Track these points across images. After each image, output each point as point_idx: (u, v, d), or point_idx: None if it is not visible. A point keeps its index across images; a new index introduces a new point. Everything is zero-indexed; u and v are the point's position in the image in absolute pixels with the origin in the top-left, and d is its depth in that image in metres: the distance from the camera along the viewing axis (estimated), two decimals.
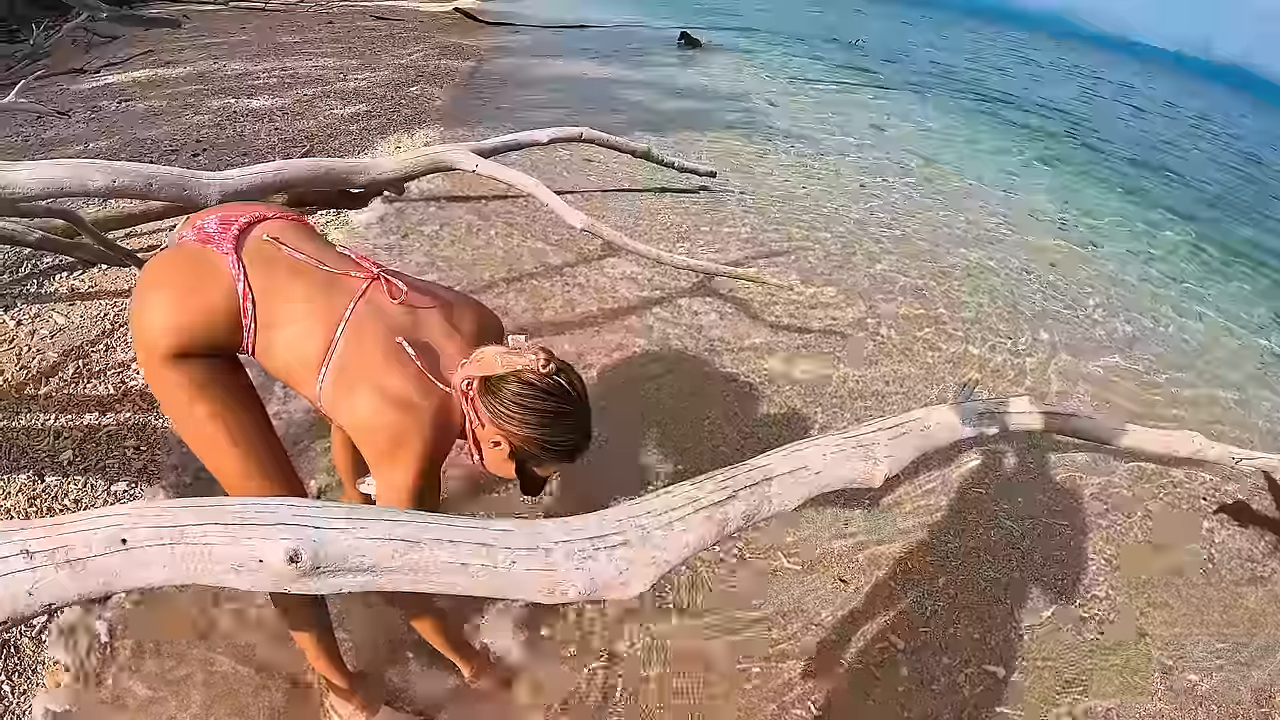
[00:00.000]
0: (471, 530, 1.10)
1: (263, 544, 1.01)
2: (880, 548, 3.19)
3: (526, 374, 1.63)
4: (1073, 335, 5.29)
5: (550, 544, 1.14)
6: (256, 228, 1.77)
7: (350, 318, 1.69)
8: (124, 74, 7.80)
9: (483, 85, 8.76)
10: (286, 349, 1.70)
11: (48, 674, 2.20)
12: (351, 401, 1.66)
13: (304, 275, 1.71)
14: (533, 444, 1.67)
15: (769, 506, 1.46)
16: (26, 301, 3.75)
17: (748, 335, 4.43)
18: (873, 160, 8.52)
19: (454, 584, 1.08)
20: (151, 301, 1.66)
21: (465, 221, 5.06)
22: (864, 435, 1.71)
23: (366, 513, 1.09)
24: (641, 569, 1.20)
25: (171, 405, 1.73)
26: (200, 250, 1.70)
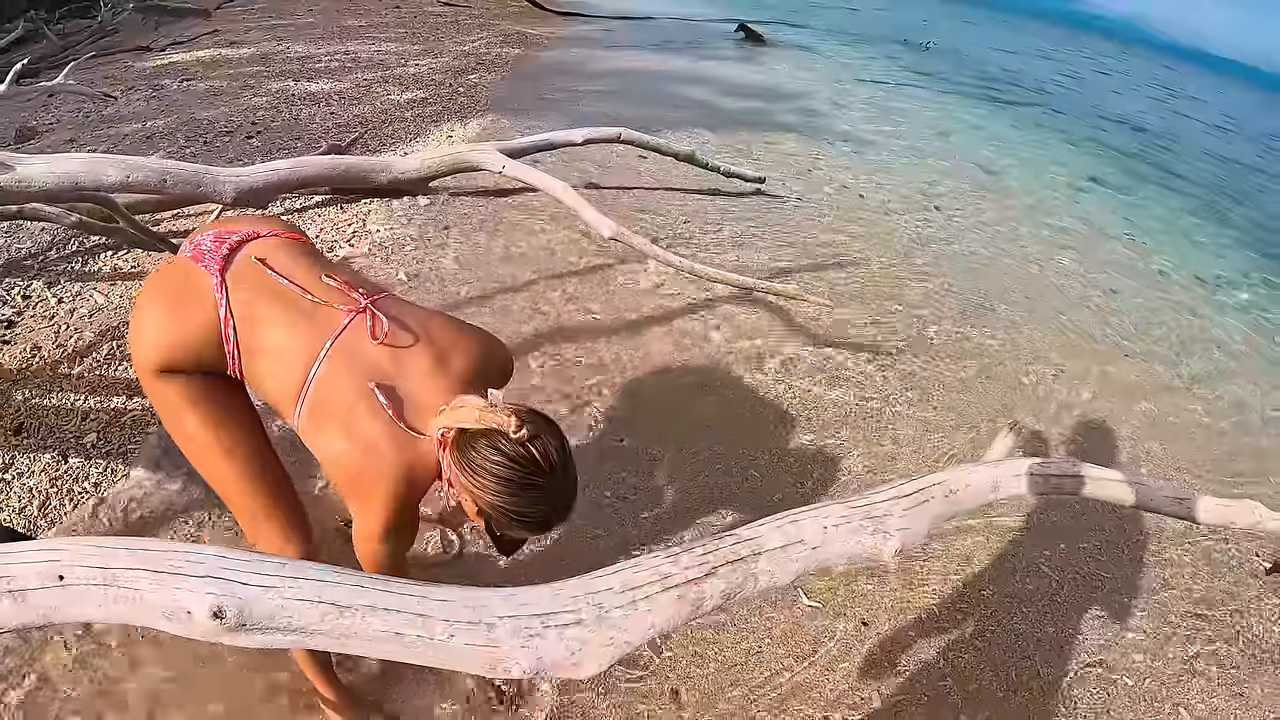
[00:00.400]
0: (408, 599, 1.05)
1: (189, 595, 0.99)
2: (909, 591, 3.07)
3: (498, 436, 1.53)
4: (1129, 369, 5.07)
5: (494, 619, 1.08)
6: (248, 246, 1.75)
7: (327, 354, 1.65)
8: (188, 53, 7.92)
9: (542, 75, 8.71)
10: (267, 377, 1.69)
11: None
12: (323, 439, 1.64)
13: (287, 303, 1.69)
14: (497, 511, 1.58)
15: (754, 585, 1.34)
16: (70, 279, 3.81)
17: (782, 353, 4.30)
18: (935, 170, 8.28)
19: (388, 651, 1.04)
20: (142, 316, 1.70)
21: (507, 217, 5.02)
22: (876, 504, 1.55)
23: (298, 569, 1.05)
24: (596, 649, 1.13)
25: (164, 416, 1.76)
26: (190, 268, 1.70)
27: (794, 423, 3.81)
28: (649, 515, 3.15)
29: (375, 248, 4.39)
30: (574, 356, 3.91)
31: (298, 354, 1.65)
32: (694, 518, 3.17)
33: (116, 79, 6.94)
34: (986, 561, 3.29)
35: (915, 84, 12.68)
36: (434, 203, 4.94)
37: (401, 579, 1.11)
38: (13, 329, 3.47)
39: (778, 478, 3.48)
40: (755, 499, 3.31)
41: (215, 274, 1.67)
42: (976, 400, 4.29)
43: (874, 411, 4.01)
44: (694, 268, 3.78)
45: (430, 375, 1.69)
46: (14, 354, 3.31)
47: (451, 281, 4.27)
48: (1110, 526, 3.63)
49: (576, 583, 1.20)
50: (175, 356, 1.66)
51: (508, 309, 4.15)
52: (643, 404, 3.73)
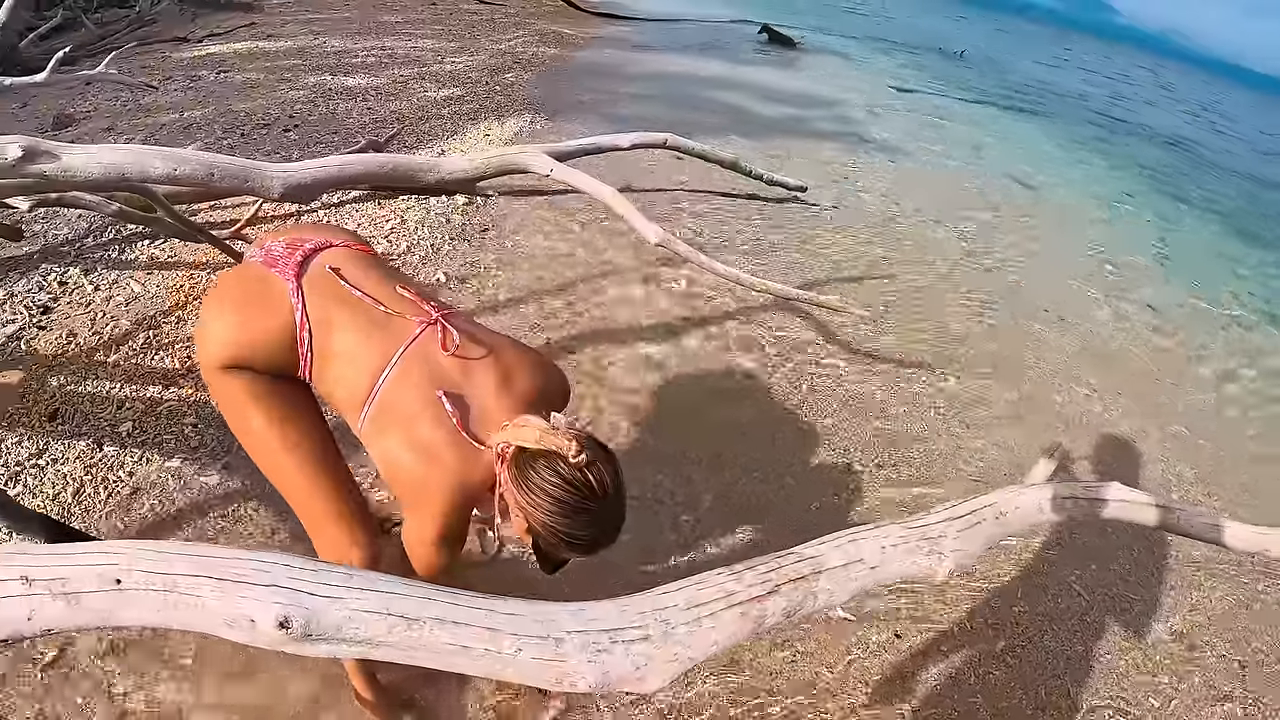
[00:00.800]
0: (477, 612, 1.04)
1: (255, 605, 0.98)
2: (941, 605, 3.03)
3: (557, 459, 1.54)
4: (1162, 391, 5.00)
5: (562, 633, 1.07)
6: (321, 255, 1.80)
7: (397, 363, 1.68)
8: (225, 45, 7.96)
9: (578, 76, 8.70)
10: (336, 383, 1.72)
11: None
12: (384, 443, 1.67)
13: (360, 312, 1.72)
14: (548, 530, 1.59)
15: (814, 603, 1.34)
16: (107, 267, 3.82)
17: (817, 363, 4.26)
18: (970, 181, 8.20)
19: (455, 664, 1.02)
20: (214, 315, 1.74)
21: (545, 217, 5.01)
22: (931, 526, 1.56)
23: (366, 580, 1.03)
24: (661, 665, 1.12)
25: (228, 413, 1.79)
26: (265, 273, 1.74)
27: (828, 432, 3.78)
28: (688, 519, 3.13)
29: (413, 246, 4.38)
30: (610, 359, 3.89)
31: (368, 360, 1.69)
32: (730, 525, 3.14)
33: (154, 69, 6.97)
34: (1018, 579, 3.26)
35: (948, 93, 12.60)
36: (471, 202, 4.94)
37: (469, 591, 1.09)
38: (49, 315, 3.48)
39: (813, 487, 3.45)
40: (791, 507, 3.29)
41: (291, 279, 1.71)
42: (1009, 417, 4.24)
43: (907, 424, 3.98)
44: (739, 276, 3.74)
45: (496, 391, 1.72)
46: (50, 340, 3.32)
47: (489, 283, 4.26)
48: (1140, 548, 3.58)
49: (643, 599, 1.18)
50: (245, 355, 1.69)
51: (545, 311, 4.14)
52: (678, 408, 3.71)
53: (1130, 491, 1.85)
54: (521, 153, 3.31)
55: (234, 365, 1.70)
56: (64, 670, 2.18)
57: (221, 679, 2.22)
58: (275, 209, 4.38)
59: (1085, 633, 3.10)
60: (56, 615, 0.99)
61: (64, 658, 2.20)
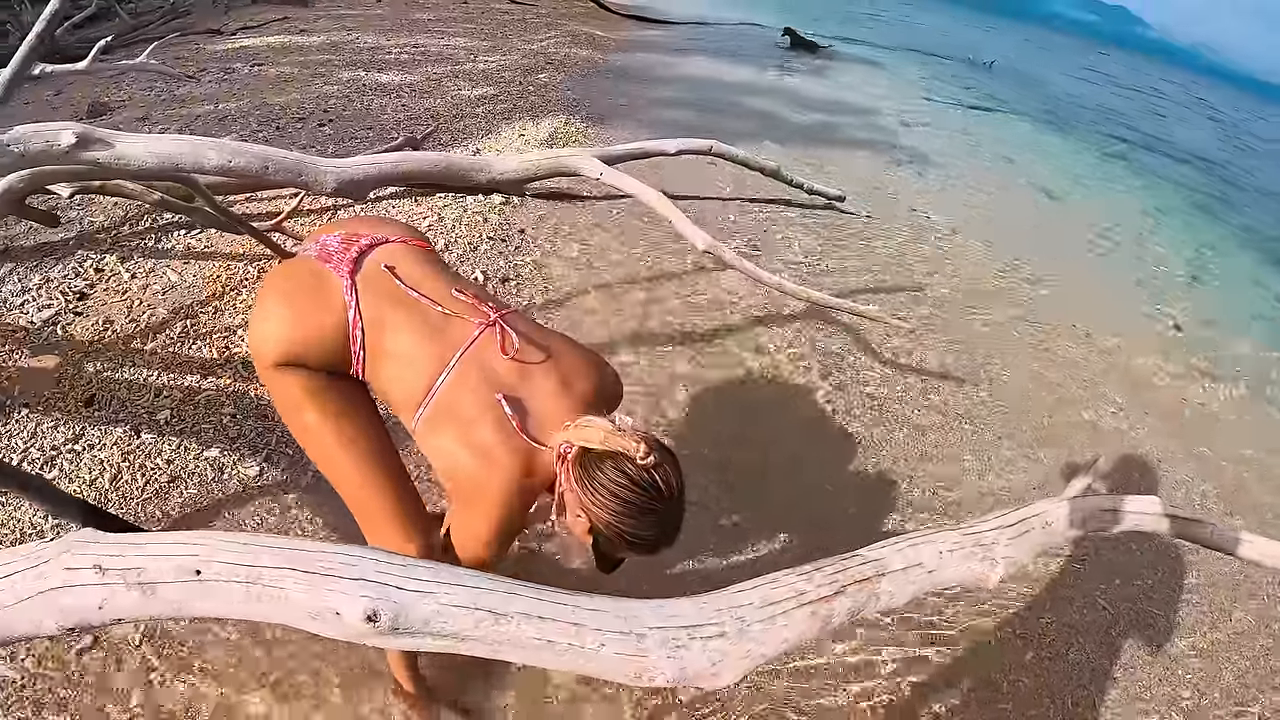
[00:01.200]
0: (562, 608, 1.04)
1: (342, 598, 0.98)
2: (972, 614, 3.04)
3: (624, 460, 1.55)
4: (1190, 418, 4.94)
5: (644, 629, 1.08)
6: (375, 251, 1.79)
7: (455, 366, 1.67)
8: (258, 38, 8.01)
9: (610, 78, 8.69)
10: (391, 382, 1.72)
11: None
12: (439, 443, 1.67)
13: (416, 312, 1.71)
14: (612, 530, 1.59)
15: (876, 604, 1.36)
16: (143, 255, 3.84)
17: (861, 374, 4.24)
18: (1001, 194, 8.15)
19: (538, 659, 1.03)
20: (267, 311, 1.72)
21: (582, 221, 5.01)
22: (984, 533, 1.58)
23: (454, 575, 1.04)
24: (735, 661, 1.14)
25: (283, 409, 1.78)
26: (319, 269, 1.74)
27: (863, 440, 3.78)
28: (727, 523, 3.13)
29: (451, 244, 4.38)
30: (648, 364, 3.89)
31: (425, 362, 1.68)
32: (769, 530, 3.14)
33: (187, 60, 7.02)
34: (1046, 592, 3.26)
35: (978, 104, 12.54)
36: (508, 202, 4.94)
37: (551, 587, 1.10)
38: (85, 301, 3.50)
39: (849, 493, 3.47)
40: (829, 513, 3.31)
41: (345, 276, 1.70)
42: (1039, 431, 4.22)
43: (939, 435, 3.97)
44: (781, 283, 3.75)
45: (555, 393, 1.71)
46: (86, 326, 3.35)
47: (526, 285, 4.26)
48: (1163, 566, 3.58)
49: (720, 596, 1.20)
50: (299, 352, 1.69)
51: (581, 315, 4.14)
52: (715, 414, 3.71)
53: (1168, 507, 1.90)
54: (573, 156, 3.32)
55: (288, 362, 1.69)
56: (99, 655, 2.20)
57: (257, 674, 2.24)
58: (313, 203, 4.39)
59: (1110, 646, 3.12)
60: (130, 605, 0.99)
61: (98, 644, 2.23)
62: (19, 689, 2.09)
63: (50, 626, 1.01)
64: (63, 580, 1.00)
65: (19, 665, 2.14)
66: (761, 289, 4.53)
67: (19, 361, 3.11)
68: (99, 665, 2.17)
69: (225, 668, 2.23)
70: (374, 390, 1.80)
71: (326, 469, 1.80)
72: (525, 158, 3.01)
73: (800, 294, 3.84)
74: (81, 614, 1.00)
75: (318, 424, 1.73)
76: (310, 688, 2.24)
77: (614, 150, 4.00)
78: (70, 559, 1.01)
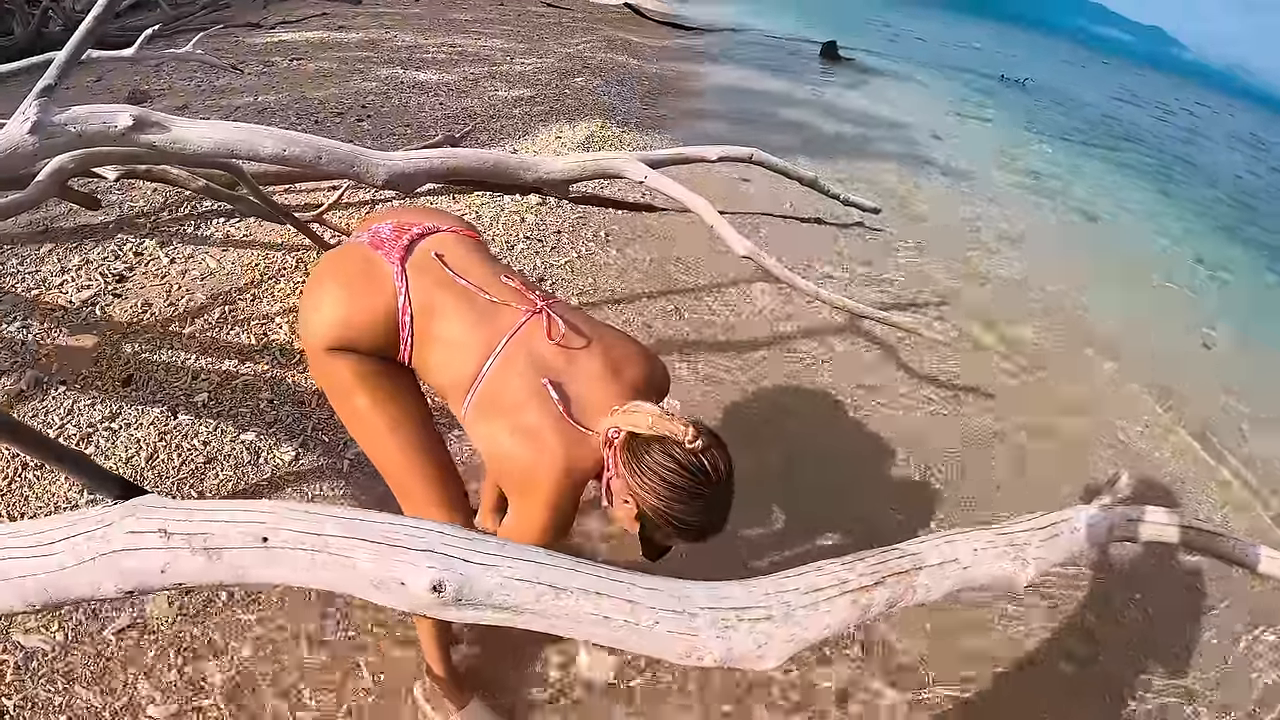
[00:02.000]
0: (618, 585, 1.07)
1: (409, 568, 1.00)
2: (1004, 623, 3.02)
3: (671, 444, 1.55)
4: (1217, 437, 4.80)
5: (696, 609, 1.10)
6: (426, 240, 1.81)
7: (502, 351, 1.69)
8: (297, 33, 8.09)
9: (646, 84, 8.72)
10: (439, 369, 1.74)
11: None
12: (489, 430, 1.68)
13: (464, 299, 1.73)
14: (660, 515, 1.60)
15: (912, 596, 1.38)
16: (182, 241, 3.89)
17: (893, 386, 4.25)
18: (1032, 211, 8.11)
19: (592, 634, 1.05)
20: (320, 295, 1.74)
21: (617, 226, 5.05)
22: (1017, 534, 1.60)
23: (516, 550, 1.06)
24: (779, 644, 1.16)
25: (332, 393, 1.80)
26: (370, 255, 1.77)
27: (894, 448, 3.77)
28: (760, 533, 3.13)
29: (488, 242, 4.39)
30: (683, 371, 3.91)
31: (473, 348, 1.70)
32: (799, 539, 3.14)
33: (226, 52, 7.10)
34: (1077, 606, 3.22)
35: (1011, 121, 12.53)
36: (544, 203, 4.98)
37: (609, 565, 1.12)
38: (124, 283, 3.55)
39: (881, 498, 3.47)
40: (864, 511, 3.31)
41: (396, 263, 1.73)
42: (1069, 444, 4.21)
43: (970, 445, 3.96)
44: (818, 292, 3.74)
45: (602, 378, 1.72)
46: (125, 307, 3.40)
47: (560, 286, 4.30)
48: (1193, 584, 3.53)
49: (768, 581, 1.22)
50: (349, 336, 1.71)
51: (617, 319, 4.16)
52: (751, 420, 3.71)
53: (1190, 519, 1.93)
54: (618, 159, 3.32)
55: (340, 346, 1.72)
56: (134, 634, 2.23)
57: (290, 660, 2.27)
58: (351, 195, 4.44)
59: (1136, 661, 3.08)
60: (193, 570, 1.01)
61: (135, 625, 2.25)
62: (50, 660, 2.11)
63: (109, 589, 1.03)
64: (125, 544, 1.01)
65: (50, 636, 2.16)
66: (793, 299, 4.55)
67: (57, 340, 3.15)
68: (132, 643, 2.19)
69: (259, 651, 2.25)
70: (421, 376, 1.82)
71: (372, 452, 1.81)
72: (572, 158, 3.02)
73: (836, 303, 3.85)
74: (142, 577, 1.02)
75: (367, 408, 1.75)
76: (346, 674, 2.27)
77: (657, 154, 4.01)
78: (134, 523, 1.03)
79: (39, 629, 2.17)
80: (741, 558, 2.91)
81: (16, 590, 1.03)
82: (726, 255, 4.04)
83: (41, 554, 1.03)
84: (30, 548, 1.04)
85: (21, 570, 1.03)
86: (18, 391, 2.87)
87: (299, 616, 2.35)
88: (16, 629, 2.15)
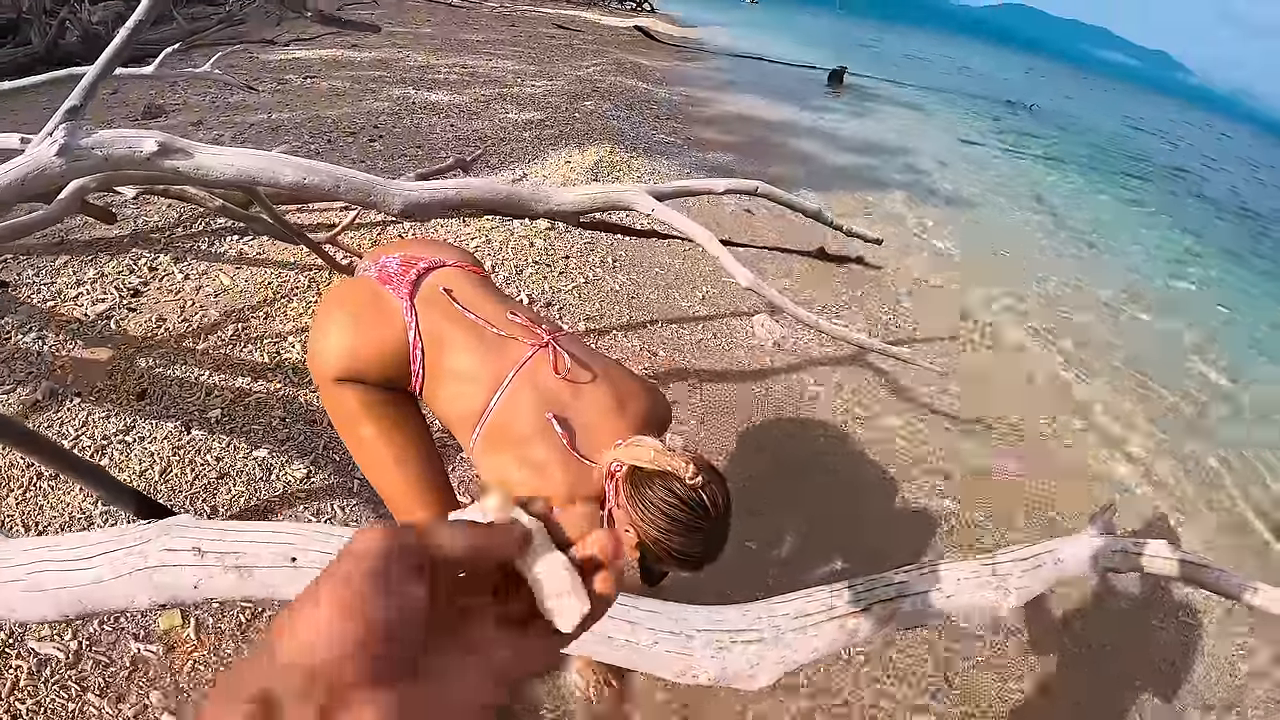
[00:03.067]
0: (620, 607, 1.14)
1: None
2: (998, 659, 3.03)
3: (672, 479, 1.59)
4: (1220, 472, 4.84)
5: (693, 630, 1.17)
6: (433, 274, 1.87)
7: (510, 385, 1.74)
8: (311, 51, 8.18)
9: (655, 109, 8.79)
10: (448, 402, 1.79)
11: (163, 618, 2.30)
12: (496, 462, 1.73)
13: (473, 333, 1.79)
14: (659, 546, 1.61)
15: (897, 622, 1.45)
16: (197, 258, 3.96)
17: (891, 416, 4.29)
18: (1038, 240, 8.20)
19: (595, 651, 1.12)
20: (329, 326, 1.80)
21: (625, 254, 5.12)
22: (1000, 564, 1.67)
23: None
24: (770, 665, 1.23)
25: (340, 422, 1.84)
26: (378, 289, 1.83)
27: (892, 480, 3.81)
28: (756, 559, 3.16)
29: (498, 266, 4.52)
30: (685, 399, 3.95)
31: (482, 381, 1.75)
32: (799, 558, 3.19)
33: (241, 69, 7.19)
34: (1071, 645, 3.24)
35: (1017, 147, 12.57)
36: (553, 228, 5.06)
37: None
38: (139, 298, 3.61)
39: (876, 525, 3.50)
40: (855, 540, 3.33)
41: (405, 298, 1.79)
42: (1067, 478, 4.23)
43: (969, 478, 3.99)
44: (819, 323, 3.79)
45: (606, 412, 1.78)
46: (140, 322, 3.46)
47: (568, 311, 4.36)
48: (1184, 615, 3.56)
49: (761, 606, 1.29)
50: (357, 367, 1.76)
51: (623, 344, 4.24)
52: (750, 449, 3.75)
53: (1173, 550, 1.97)
54: (626, 191, 3.37)
55: (348, 377, 1.77)
56: (151, 646, 2.26)
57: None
58: (363, 215, 4.50)
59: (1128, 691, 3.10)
60: (225, 586, 1.08)
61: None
62: (63, 668, 2.14)
63: (143, 601, 1.09)
64: (160, 560, 1.08)
65: (64, 644, 2.19)
66: (798, 331, 4.62)
67: (72, 352, 3.21)
68: (146, 654, 2.22)
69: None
70: (430, 408, 1.87)
71: (377, 479, 1.86)
72: (581, 190, 3.07)
73: (837, 334, 3.89)
74: (175, 591, 1.09)
75: (373, 437, 1.80)
76: None
77: (665, 187, 4.06)
78: (170, 540, 1.10)
79: (53, 636, 2.19)
80: (737, 583, 2.93)
81: (53, 601, 1.09)
82: (731, 284, 4.09)
83: (80, 567, 1.09)
84: (68, 561, 1.10)
85: (58, 582, 1.08)
86: (33, 402, 2.92)
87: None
88: (31, 635, 2.18)
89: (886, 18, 23.82)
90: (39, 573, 1.10)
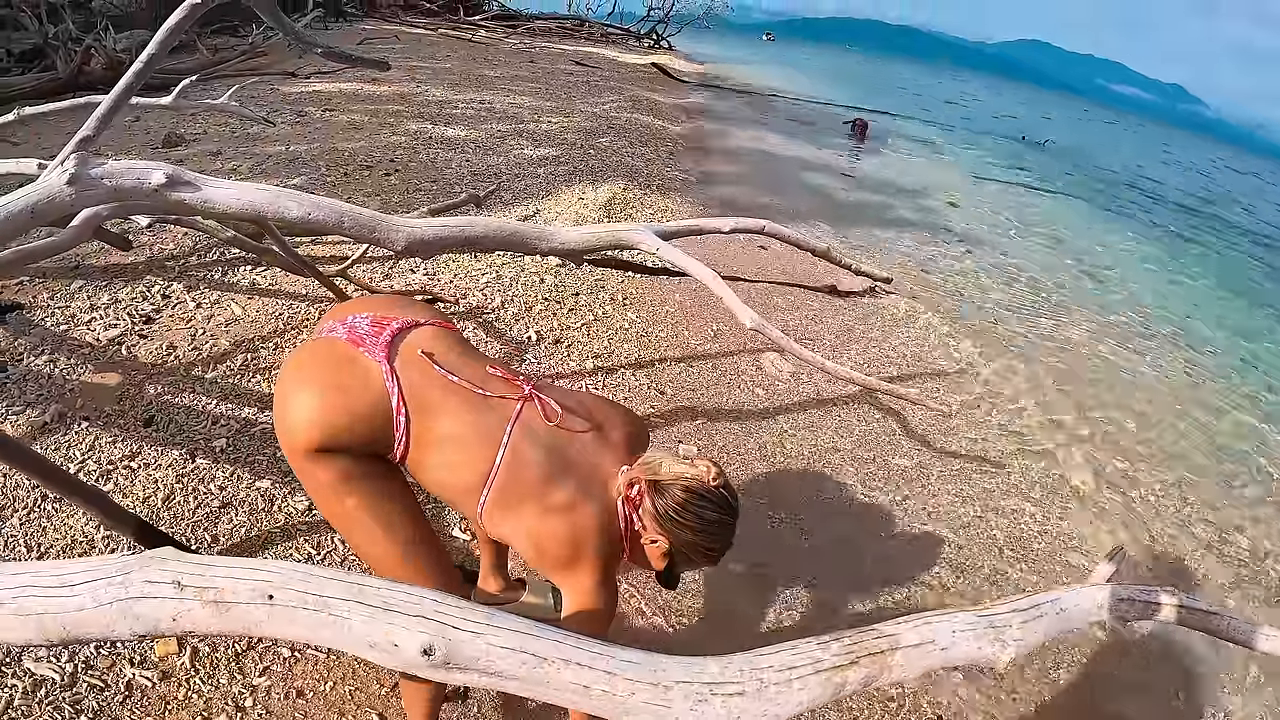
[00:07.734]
0: (599, 657, 1.14)
1: (402, 631, 1.08)
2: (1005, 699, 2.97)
3: (696, 484, 1.72)
4: (1231, 511, 4.77)
5: (671, 682, 1.17)
6: (409, 335, 1.80)
7: (508, 442, 1.73)
8: (331, 84, 8.29)
9: (670, 146, 8.87)
10: (443, 470, 1.74)
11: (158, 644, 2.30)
12: (518, 519, 1.72)
13: (459, 396, 1.75)
14: (691, 547, 1.76)
15: (888, 675, 1.44)
16: (210, 287, 3.99)
17: (897, 454, 4.26)
18: (1050, 277, 8.16)
19: (571, 701, 1.12)
20: (296, 398, 1.70)
21: (636, 290, 5.14)
22: (997, 615, 1.64)
23: (504, 621, 1.14)
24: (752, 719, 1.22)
25: (319, 497, 1.76)
26: (352, 352, 1.74)
27: (896, 518, 3.78)
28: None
29: (508, 302, 4.55)
30: (692, 437, 3.95)
31: (479, 444, 1.72)
32: (799, 594, 3.14)
33: (261, 100, 7.28)
34: (1068, 684, 3.17)
35: (1032, 184, 12.59)
36: (564, 265, 5.10)
37: (590, 638, 1.19)
38: (150, 325, 3.64)
39: (881, 566, 3.47)
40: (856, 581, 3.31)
41: (382, 360, 1.72)
42: (1076, 515, 4.20)
43: (975, 517, 3.95)
44: (824, 364, 3.79)
45: (602, 447, 1.85)
46: (150, 349, 3.48)
47: (576, 348, 4.39)
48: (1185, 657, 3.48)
49: (743, 658, 1.28)
50: (333, 436, 1.67)
51: (631, 382, 4.25)
52: (756, 486, 3.74)
53: (1182, 597, 1.92)
54: (631, 230, 3.38)
55: (327, 447, 1.67)
56: (146, 672, 2.25)
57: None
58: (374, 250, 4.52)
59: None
60: (202, 620, 1.09)
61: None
62: (58, 690, 2.13)
63: (123, 631, 1.10)
64: (141, 591, 1.09)
65: (59, 666, 2.18)
66: (803, 371, 4.62)
67: (83, 376, 3.23)
68: (145, 682, 2.20)
69: (268, 708, 2.27)
70: (415, 475, 1.80)
71: (365, 548, 1.78)
72: (586, 229, 3.09)
73: (841, 374, 3.89)
74: (154, 623, 1.09)
75: (357, 508, 1.72)
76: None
77: (670, 226, 4.07)
78: (152, 573, 1.10)
79: (49, 658, 2.20)
80: (725, 630, 2.90)
81: (37, 625, 1.10)
82: (738, 326, 4.09)
83: (63, 595, 1.10)
84: (52, 588, 1.11)
85: (42, 608, 1.09)
86: (42, 424, 2.94)
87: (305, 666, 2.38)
88: (28, 656, 2.18)
89: (898, 54, 23.92)
90: (23, 597, 1.11)
